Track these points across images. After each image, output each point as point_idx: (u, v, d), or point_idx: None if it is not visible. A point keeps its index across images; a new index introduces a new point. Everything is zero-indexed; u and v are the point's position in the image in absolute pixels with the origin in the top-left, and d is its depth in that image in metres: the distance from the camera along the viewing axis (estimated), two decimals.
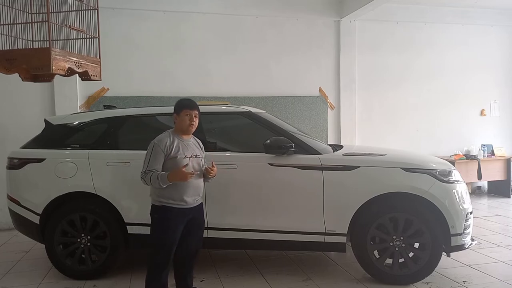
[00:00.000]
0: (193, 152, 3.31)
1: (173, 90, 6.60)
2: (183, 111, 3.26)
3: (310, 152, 3.93)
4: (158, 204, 3.24)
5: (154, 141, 3.23)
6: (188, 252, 3.39)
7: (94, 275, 4.05)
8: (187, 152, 3.26)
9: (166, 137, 3.23)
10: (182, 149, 3.23)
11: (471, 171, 7.55)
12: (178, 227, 3.24)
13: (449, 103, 7.93)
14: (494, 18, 8.02)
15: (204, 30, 6.77)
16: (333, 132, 7.38)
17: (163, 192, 3.19)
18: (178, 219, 3.23)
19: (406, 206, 3.78)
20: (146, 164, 3.19)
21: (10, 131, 6.04)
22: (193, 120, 3.28)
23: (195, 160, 3.30)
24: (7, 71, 3.69)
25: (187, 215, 3.27)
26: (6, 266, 4.54)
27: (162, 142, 3.19)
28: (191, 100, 3.36)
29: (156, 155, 3.17)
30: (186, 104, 3.29)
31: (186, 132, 3.32)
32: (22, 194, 4.17)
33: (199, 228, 3.45)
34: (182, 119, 3.26)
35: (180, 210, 3.22)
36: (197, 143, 3.44)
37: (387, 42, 7.61)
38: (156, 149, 3.18)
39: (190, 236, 3.36)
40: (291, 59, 7.12)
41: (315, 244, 3.89)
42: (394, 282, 3.81)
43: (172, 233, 3.22)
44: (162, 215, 3.23)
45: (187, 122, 3.26)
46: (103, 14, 4.48)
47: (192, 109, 3.28)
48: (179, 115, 3.27)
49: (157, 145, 3.18)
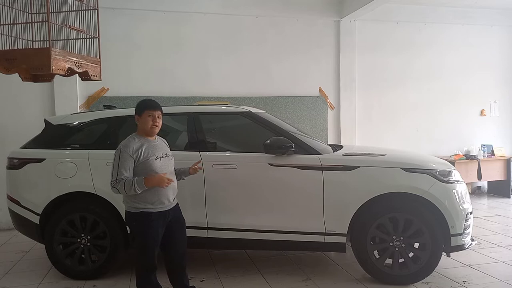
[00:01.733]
0: (163, 152, 3.24)
1: (173, 90, 6.60)
2: (145, 112, 3.16)
3: (310, 152, 3.93)
4: (135, 211, 3.14)
5: (119, 147, 3.12)
6: (177, 253, 3.35)
7: (94, 275, 4.05)
8: (157, 152, 3.19)
9: (131, 142, 3.12)
10: (152, 151, 3.15)
11: (471, 171, 7.55)
12: (159, 231, 3.17)
13: (449, 103, 7.93)
14: (494, 18, 8.02)
15: (204, 30, 6.77)
16: (333, 132, 7.38)
17: (138, 198, 3.09)
18: (158, 222, 3.16)
19: (406, 206, 3.78)
20: (115, 172, 3.06)
21: (10, 131, 6.04)
22: (156, 120, 3.18)
23: (167, 159, 3.25)
24: (7, 71, 3.69)
25: (167, 217, 3.22)
26: (6, 266, 4.55)
27: (128, 147, 3.08)
28: (153, 100, 3.28)
29: (125, 161, 3.05)
30: (148, 104, 3.19)
31: (150, 134, 3.21)
32: (22, 194, 4.17)
33: (182, 227, 3.39)
34: (145, 120, 3.16)
35: (160, 214, 3.15)
36: (164, 142, 3.39)
37: (387, 42, 7.61)
38: (123, 155, 3.06)
39: (175, 237, 3.32)
40: (291, 59, 7.12)
41: (315, 244, 3.89)
42: (394, 282, 3.81)
43: (153, 237, 3.15)
44: (141, 222, 3.13)
45: (150, 123, 3.15)
46: (103, 14, 4.48)
47: (155, 110, 3.18)
48: (141, 116, 3.17)
49: (124, 151, 3.07)
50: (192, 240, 3.90)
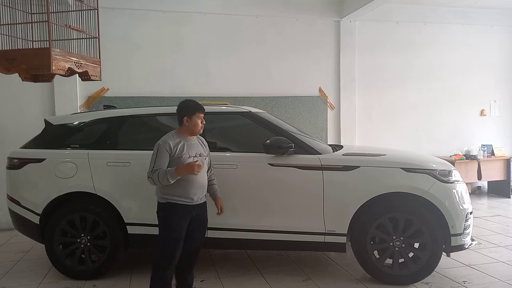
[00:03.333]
0: (197, 151, 3.36)
1: (173, 90, 6.60)
2: (196, 114, 3.33)
3: (310, 152, 3.93)
4: (163, 201, 3.28)
5: (158, 142, 3.28)
6: (190, 250, 3.40)
7: (94, 275, 4.05)
8: (192, 151, 3.31)
9: (170, 138, 3.28)
10: (187, 149, 3.28)
11: (471, 171, 7.55)
12: (181, 224, 3.26)
13: (449, 103, 7.92)
14: (494, 18, 8.01)
15: (204, 30, 6.77)
16: (333, 132, 7.38)
17: (168, 190, 3.24)
18: (182, 215, 3.25)
19: (406, 206, 3.78)
20: (152, 164, 3.22)
21: (10, 131, 6.04)
22: (203, 122, 3.38)
23: (200, 159, 3.34)
24: (7, 71, 3.69)
25: (191, 212, 3.29)
26: (6, 266, 4.54)
27: (166, 143, 3.24)
28: (199, 103, 3.44)
29: (161, 155, 3.21)
30: (200, 107, 3.37)
31: (195, 134, 3.39)
32: (22, 194, 4.17)
33: (203, 227, 3.47)
34: (195, 123, 3.33)
35: (185, 207, 3.25)
36: (201, 142, 3.48)
37: (387, 42, 7.61)
38: (160, 150, 3.22)
39: (193, 234, 3.37)
40: (291, 59, 7.12)
41: (315, 244, 3.89)
42: (394, 282, 3.81)
43: (175, 230, 3.23)
44: (166, 212, 3.26)
45: (199, 125, 3.34)
46: (103, 14, 4.48)
47: (203, 112, 3.39)
48: (191, 118, 3.32)
49: (162, 146, 3.23)
50: None
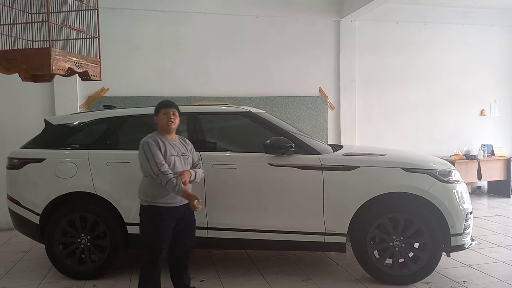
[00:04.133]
0: (178, 151, 3.33)
1: (173, 90, 6.60)
2: (161, 111, 3.32)
3: (310, 152, 3.93)
4: (145, 204, 3.24)
5: (145, 140, 3.22)
6: (182, 251, 3.38)
7: (94, 275, 4.05)
8: (173, 151, 3.28)
9: (151, 137, 3.25)
10: (168, 148, 3.25)
11: (471, 171, 7.55)
12: (166, 226, 3.22)
13: (449, 103, 7.93)
14: (494, 18, 8.01)
15: (204, 30, 6.77)
16: (333, 132, 7.38)
17: (151, 192, 3.21)
18: (166, 218, 3.22)
19: (406, 206, 3.78)
20: (152, 162, 3.13)
21: (10, 131, 6.04)
22: (171, 117, 3.30)
23: (182, 158, 3.32)
24: (7, 71, 3.69)
25: (176, 214, 3.25)
26: (6, 266, 4.55)
27: (151, 139, 3.22)
28: (169, 100, 3.43)
29: (156, 152, 3.16)
30: (163, 104, 3.37)
31: (168, 131, 3.32)
32: (22, 194, 4.17)
33: (191, 226, 3.43)
34: (161, 119, 3.31)
35: (168, 209, 3.21)
36: (183, 142, 3.46)
37: (387, 42, 7.61)
38: (151, 147, 3.17)
39: (183, 235, 3.35)
40: (291, 59, 7.12)
41: (315, 244, 3.89)
42: (394, 282, 3.81)
43: (159, 233, 3.20)
44: (149, 215, 3.23)
45: (165, 119, 3.29)
46: (103, 14, 4.47)
47: (169, 107, 3.33)
48: (158, 116, 3.33)
49: (150, 143, 3.18)
50: None
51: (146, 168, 3.19)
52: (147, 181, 3.24)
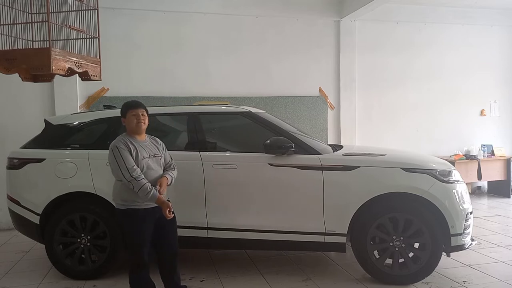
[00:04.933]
0: (150, 152, 3.30)
1: (173, 90, 6.61)
2: (129, 112, 3.27)
3: (310, 152, 3.93)
4: (122, 208, 3.22)
5: (114, 144, 3.18)
6: (168, 251, 3.37)
7: (94, 275, 4.05)
8: (144, 153, 3.24)
9: (121, 141, 3.21)
10: (139, 151, 3.21)
11: (471, 171, 7.55)
12: (146, 227, 3.22)
13: (449, 103, 7.93)
14: (494, 18, 8.01)
15: (204, 30, 6.77)
16: (333, 132, 7.38)
17: (126, 195, 3.18)
18: (145, 219, 3.21)
19: (406, 206, 3.78)
20: (125, 171, 3.09)
21: (10, 131, 6.04)
22: (140, 117, 3.26)
23: (154, 160, 3.29)
24: (7, 71, 3.69)
25: (155, 214, 3.24)
26: (6, 266, 4.55)
27: (121, 143, 3.17)
28: (135, 100, 3.39)
29: (127, 157, 3.12)
30: (130, 104, 3.31)
31: (137, 132, 3.29)
32: (22, 194, 4.17)
33: (172, 226, 3.38)
34: (130, 120, 3.26)
35: (146, 211, 3.21)
36: (154, 142, 3.42)
37: (387, 42, 7.61)
38: (122, 152, 3.13)
39: (165, 235, 3.34)
40: (291, 59, 7.12)
41: (315, 244, 3.89)
42: (394, 282, 3.81)
43: (142, 233, 3.20)
44: (129, 218, 3.21)
45: (134, 121, 3.24)
46: (103, 14, 4.48)
47: (137, 108, 3.28)
48: (126, 117, 3.28)
49: (120, 147, 3.14)
50: (192, 240, 3.91)
51: (117, 174, 3.16)
52: (122, 184, 3.20)
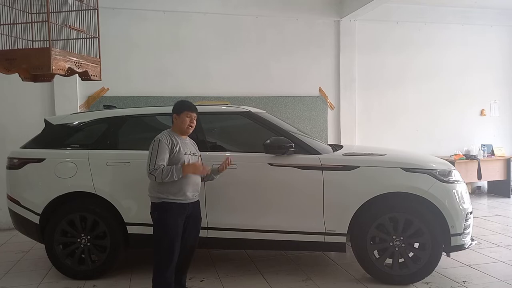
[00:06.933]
0: (191, 150, 3.41)
1: (173, 90, 6.60)
2: (184, 112, 3.35)
3: (310, 152, 3.93)
4: (157, 201, 3.28)
5: (157, 137, 3.27)
6: (186, 249, 3.40)
7: (94, 275, 4.05)
8: (186, 149, 3.34)
9: (166, 135, 3.31)
10: (182, 146, 3.30)
11: (471, 171, 7.55)
12: (178, 222, 3.27)
13: (449, 103, 7.93)
14: (494, 18, 8.02)
15: (204, 30, 6.77)
16: (333, 132, 7.38)
17: (162, 189, 3.24)
18: (178, 214, 3.26)
19: (406, 206, 3.78)
20: (153, 160, 3.19)
21: (10, 131, 6.04)
22: (193, 121, 3.38)
23: (193, 158, 3.39)
24: (7, 71, 3.69)
25: (186, 210, 3.31)
26: (6, 266, 4.54)
27: (165, 138, 3.27)
28: (192, 103, 3.45)
29: (162, 150, 3.21)
30: (188, 106, 3.39)
31: (184, 133, 3.40)
32: (22, 194, 4.16)
33: (197, 225, 3.49)
34: (183, 120, 3.34)
35: (180, 205, 3.27)
36: (193, 143, 3.53)
37: (387, 42, 7.61)
38: (161, 145, 3.22)
39: (188, 232, 3.39)
40: (291, 59, 7.12)
41: (315, 244, 3.89)
42: (394, 282, 3.81)
43: (172, 229, 3.24)
44: (162, 212, 3.26)
45: (187, 123, 3.34)
46: (103, 14, 4.48)
47: (193, 112, 3.38)
48: (180, 116, 3.35)
49: (162, 141, 3.24)
50: None
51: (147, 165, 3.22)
52: None
